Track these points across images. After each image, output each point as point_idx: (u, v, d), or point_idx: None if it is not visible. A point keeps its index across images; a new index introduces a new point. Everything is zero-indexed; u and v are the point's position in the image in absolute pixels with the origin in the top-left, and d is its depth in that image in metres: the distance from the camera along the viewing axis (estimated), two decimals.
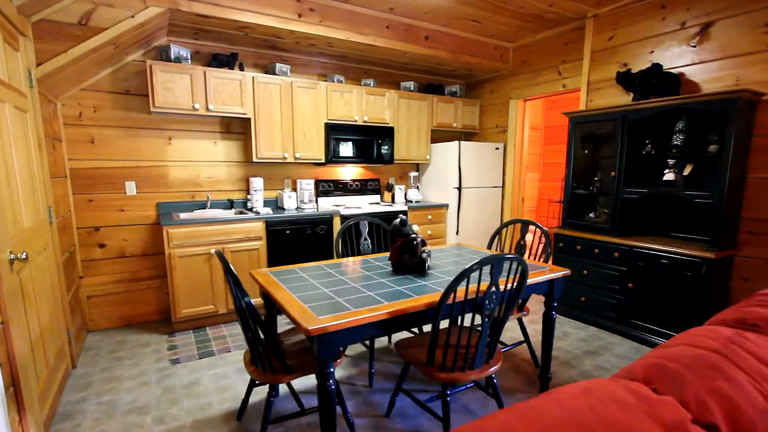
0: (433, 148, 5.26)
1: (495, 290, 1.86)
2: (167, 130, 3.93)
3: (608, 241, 3.63)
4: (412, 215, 4.79)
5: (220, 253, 1.88)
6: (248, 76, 3.92)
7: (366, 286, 2.18)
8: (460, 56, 4.66)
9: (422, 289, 2.12)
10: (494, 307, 1.90)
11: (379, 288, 2.14)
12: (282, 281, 2.26)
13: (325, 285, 2.19)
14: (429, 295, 2.01)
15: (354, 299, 1.94)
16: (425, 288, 2.14)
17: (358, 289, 2.12)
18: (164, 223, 3.38)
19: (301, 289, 2.12)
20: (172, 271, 3.45)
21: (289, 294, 2.02)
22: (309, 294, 2.02)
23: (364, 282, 2.25)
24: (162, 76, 3.52)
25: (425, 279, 2.32)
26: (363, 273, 2.45)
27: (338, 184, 4.87)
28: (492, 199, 5.31)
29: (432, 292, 2.07)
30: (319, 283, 2.22)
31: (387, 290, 2.09)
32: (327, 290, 2.09)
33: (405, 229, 2.43)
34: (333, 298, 1.96)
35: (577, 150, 4.02)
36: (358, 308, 1.80)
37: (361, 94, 4.60)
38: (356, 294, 2.03)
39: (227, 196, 4.29)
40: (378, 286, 2.18)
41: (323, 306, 1.84)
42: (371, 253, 3.35)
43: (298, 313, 1.74)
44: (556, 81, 4.64)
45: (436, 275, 2.40)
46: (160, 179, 3.93)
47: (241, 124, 4.28)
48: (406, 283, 2.24)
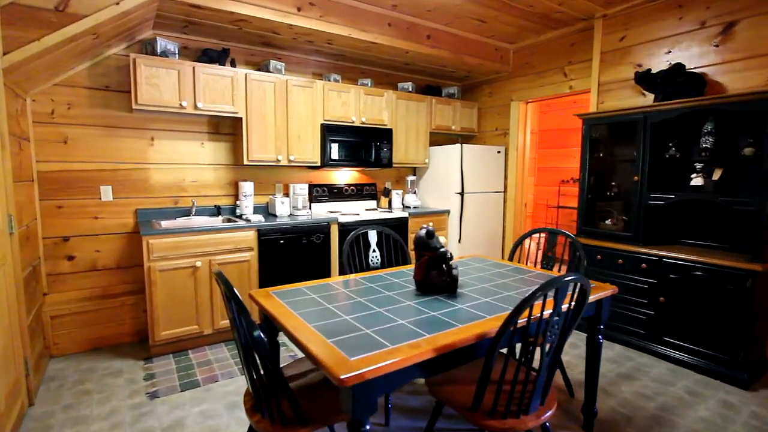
0: (432, 152, 5.00)
1: (558, 318, 1.58)
2: (150, 130, 3.55)
3: (634, 251, 3.41)
4: (413, 222, 4.50)
5: (221, 274, 1.55)
6: (241, 73, 3.58)
7: (393, 311, 1.87)
8: (461, 56, 4.42)
9: (459, 314, 1.83)
10: (555, 337, 1.62)
11: (410, 314, 1.84)
12: (291, 305, 1.94)
13: (345, 310, 1.88)
14: (475, 323, 1.72)
15: (385, 330, 1.64)
16: (462, 313, 1.85)
17: (385, 315, 1.82)
18: (144, 233, 3.01)
19: (316, 316, 1.80)
20: (151, 288, 3.08)
21: (304, 323, 1.70)
22: (329, 324, 1.71)
23: (390, 305, 1.95)
24: (147, 71, 3.16)
25: (458, 300, 2.03)
26: (383, 293, 2.15)
27: (333, 189, 4.55)
28: (494, 205, 5.07)
29: (473, 318, 1.78)
30: (336, 308, 1.91)
31: (421, 317, 1.79)
32: (349, 318, 1.78)
33: (432, 241, 2.14)
34: (359, 329, 1.65)
35: (592, 153, 3.81)
36: (396, 344, 1.50)
37: (358, 94, 4.30)
38: (386, 322, 1.73)
39: (214, 201, 3.93)
40: (407, 311, 1.88)
41: (351, 341, 1.53)
42: (381, 266, 3.04)
43: (323, 352, 1.42)
44: (562, 83, 4.44)
45: (468, 295, 2.12)
46: (139, 183, 3.55)
47: (230, 124, 3.93)
48: (438, 306, 1.95)
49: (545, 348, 1.61)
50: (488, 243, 5.07)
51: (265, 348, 1.41)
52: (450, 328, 1.65)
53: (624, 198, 3.72)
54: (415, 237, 2.20)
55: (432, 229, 2.14)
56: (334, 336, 1.57)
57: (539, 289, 1.47)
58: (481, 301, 2.03)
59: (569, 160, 6.46)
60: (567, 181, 6.50)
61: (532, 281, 2.39)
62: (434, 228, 2.02)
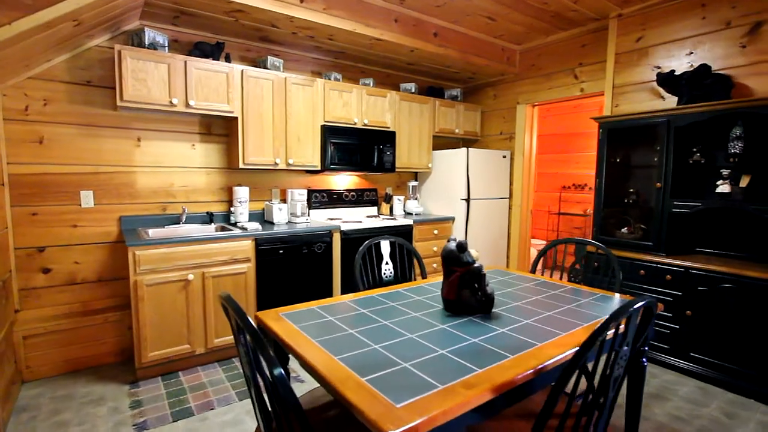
0: (435, 156, 4.77)
1: (627, 348, 1.34)
2: (136, 130, 3.25)
3: (657, 261, 3.21)
4: (418, 230, 4.26)
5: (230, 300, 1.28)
6: (237, 69, 3.31)
7: (427, 336, 1.62)
8: (468, 56, 4.21)
9: (503, 340, 1.59)
10: (622, 369, 1.39)
11: (447, 340, 1.58)
12: (307, 331, 1.67)
13: (371, 336, 1.62)
14: (528, 352, 1.47)
15: (426, 363, 1.38)
16: (506, 339, 1.60)
17: (420, 343, 1.56)
18: (131, 243, 2.70)
19: (340, 344, 1.54)
20: (138, 304, 2.77)
21: (328, 355, 1.44)
22: (357, 356, 1.44)
23: (421, 330, 1.69)
24: (133, 65, 2.87)
25: (496, 323, 1.78)
26: (408, 314, 1.89)
27: (332, 195, 4.28)
28: (499, 212, 4.86)
29: (521, 345, 1.55)
30: (360, 334, 1.65)
31: (461, 345, 1.54)
32: (378, 347, 1.52)
33: (464, 255, 1.89)
34: (395, 362, 1.39)
35: (609, 159, 3.62)
36: (446, 382, 1.24)
37: (361, 94, 4.05)
38: (423, 352, 1.47)
39: (206, 208, 3.63)
40: (443, 336, 1.63)
41: (390, 380, 1.27)
42: (395, 280, 2.78)
43: (363, 400, 1.15)
44: (573, 85, 4.26)
45: (505, 316, 1.88)
46: (124, 188, 3.24)
47: (223, 124, 3.64)
48: (475, 330, 1.70)
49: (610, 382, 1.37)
50: (493, 251, 4.85)
51: (291, 394, 1.14)
52: (501, 360, 1.41)
53: (643, 205, 3.54)
54: (443, 250, 1.95)
55: (464, 241, 1.90)
56: (368, 372, 1.31)
57: (612, 318, 1.23)
58: (522, 323, 1.79)
59: (571, 166, 6.31)
60: (569, 187, 6.35)
61: (567, 298, 2.17)
62: (465, 241, 1.77)
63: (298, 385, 2.86)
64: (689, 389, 2.90)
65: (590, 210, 5.75)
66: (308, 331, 1.66)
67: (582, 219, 6.22)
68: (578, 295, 2.23)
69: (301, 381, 2.93)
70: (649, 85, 3.58)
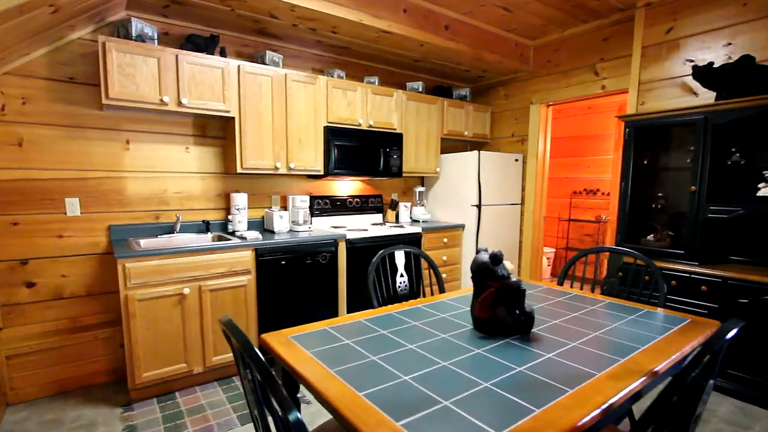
0: (444, 160, 4.53)
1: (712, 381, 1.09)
2: (124, 131, 3.00)
3: (690, 271, 2.96)
4: (427, 239, 4.01)
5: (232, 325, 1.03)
6: (233, 64, 3.07)
7: (463, 364, 1.37)
8: (480, 52, 3.97)
9: (553, 369, 1.34)
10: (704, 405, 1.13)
11: (488, 369, 1.33)
12: (322, 358, 1.41)
13: (399, 364, 1.37)
14: (587, 385, 1.23)
15: (470, 400, 1.13)
16: (555, 366, 1.35)
17: (457, 373, 1.31)
18: (120, 255, 2.45)
19: (362, 376, 1.28)
20: (129, 321, 2.51)
21: (350, 390, 1.18)
22: (386, 390, 1.19)
23: (454, 356, 1.43)
24: (120, 59, 2.63)
25: (537, 346, 1.53)
26: (436, 335, 1.63)
27: (336, 202, 4.03)
28: (510, 219, 4.61)
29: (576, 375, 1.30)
30: (384, 361, 1.39)
31: (506, 375, 1.29)
32: (410, 378, 1.26)
33: (499, 268, 1.64)
34: (434, 399, 1.13)
35: (636, 160, 3.38)
36: (501, 428, 0.99)
37: (365, 93, 3.81)
38: (464, 386, 1.22)
39: (202, 216, 3.37)
40: (481, 364, 1.37)
41: (432, 424, 1.01)
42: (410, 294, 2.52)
43: None
44: (593, 82, 4.02)
45: (545, 337, 1.62)
46: (113, 195, 2.98)
47: (219, 125, 3.39)
48: (516, 355, 1.44)
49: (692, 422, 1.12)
50: (505, 260, 4.60)
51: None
52: (560, 396, 1.15)
53: (672, 210, 3.30)
54: (474, 263, 1.70)
55: (499, 252, 1.64)
56: (403, 414, 1.05)
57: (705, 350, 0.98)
58: (568, 346, 1.54)
59: (582, 170, 6.07)
60: (580, 192, 6.11)
61: (610, 314, 1.92)
62: (500, 252, 1.51)
63: (305, 407, 2.60)
64: (728, 409, 2.64)
65: (606, 216, 5.51)
66: (323, 359, 1.40)
67: (593, 226, 5.97)
68: (620, 310, 1.99)
69: (307, 402, 2.67)
70: (680, 80, 3.34)
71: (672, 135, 3.31)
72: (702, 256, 3.00)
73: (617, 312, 1.96)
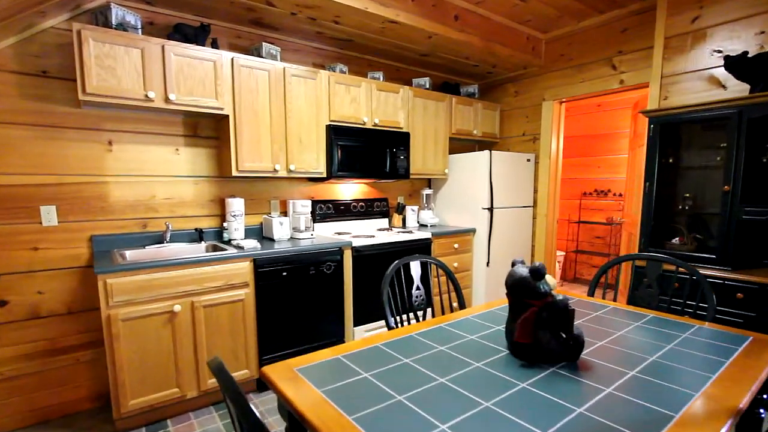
0: (452, 160, 4.27)
1: None
2: (106, 132, 2.73)
3: (723, 277, 2.70)
4: (437, 244, 3.74)
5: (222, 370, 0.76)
6: (226, 56, 2.80)
7: (512, 405, 1.10)
8: (491, 45, 3.72)
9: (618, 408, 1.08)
10: None
11: (545, 413, 1.07)
12: (336, 399, 1.14)
13: (432, 407, 1.10)
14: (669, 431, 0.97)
15: None
16: (621, 406, 1.09)
17: (506, 419, 1.04)
18: (100, 270, 2.16)
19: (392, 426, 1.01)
20: (113, 343, 2.23)
21: None
22: None
23: (499, 394, 1.17)
24: (98, 49, 2.35)
25: (589, 376, 1.27)
26: (469, 364, 1.37)
27: (339, 206, 3.76)
28: (523, 222, 4.35)
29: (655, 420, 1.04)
30: (413, 402, 1.12)
31: (566, 420, 1.03)
32: (447, 428, 1.00)
33: (541, 284, 1.38)
34: None
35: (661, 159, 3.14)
36: None
37: (370, 89, 3.55)
38: None
39: (194, 223, 3.10)
40: (533, 404, 1.11)
41: None
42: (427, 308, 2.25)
43: None
44: (610, 77, 3.78)
45: (597, 365, 1.36)
46: (95, 202, 2.70)
47: (212, 124, 3.12)
48: (571, 391, 1.18)
49: None
50: None
51: None
52: None
53: (700, 212, 3.05)
54: (510, 277, 1.43)
55: (541, 265, 1.38)
56: None
57: None
58: (627, 375, 1.29)
59: (592, 170, 5.84)
60: (590, 193, 5.87)
61: (659, 332, 1.67)
62: (542, 264, 1.23)
63: None
64: None
65: (621, 218, 5.27)
66: (338, 400, 1.13)
67: (604, 228, 5.73)
68: (669, 327, 1.74)
69: None
70: (707, 72, 3.10)
71: (700, 131, 3.07)
72: (735, 260, 2.74)
73: (666, 329, 1.70)
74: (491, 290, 4.06)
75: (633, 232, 4.04)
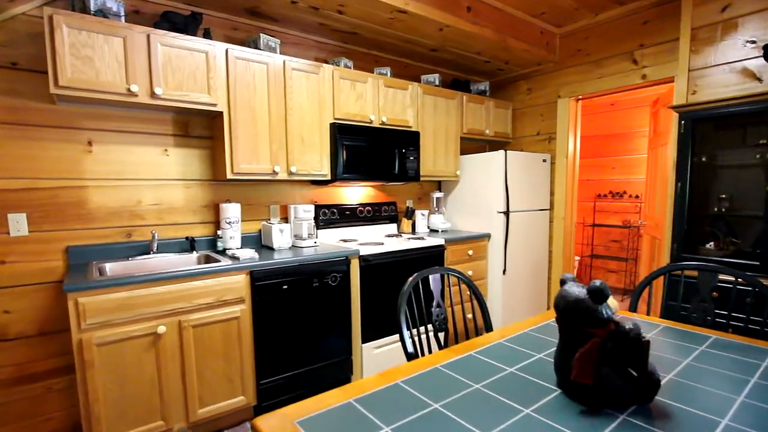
0: (464, 161, 3.99)
1: None
2: (86, 130, 2.45)
3: None
4: (451, 251, 3.46)
5: None
6: (219, 47, 2.53)
7: None
8: (505, 38, 3.46)
9: None
10: None
11: None
12: None
13: None
14: None
15: None
16: None
17: None
18: (70, 287, 1.88)
19: None
20: (85, 372, 1.93)
21: None
22: None
23: None
24: (73, 37, 2.08)
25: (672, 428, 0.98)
26: (519, 411, 1.08)
27: (344, 211, 3.48)
28: (539, 226, 4.07)
29: None
30: None
31: None
32: None
33: (603, 309, 1.10)
34: None
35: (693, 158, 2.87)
36: None
37: (377, 85, 3.28)
38: None
39: (186, 231, 2.81)
40: None
41: None
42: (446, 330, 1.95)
43: None
44: (631, 72, 3.51)
45: (673, 407, 1.08)
46: (72, 209, 2.42)
47: (205, 122, 2.85)
48: None
49: None
50: (534, 274, 4.05)
51: None
52: None
53: (737, 214, 2.79)
54: (563, 299, 1.15)
55: (603, 284, 1.10)
56: None
57: None
58: (718, 426, 1.00)
59: (606, 172, 5.57)
60: (605, 195, 5.60)
61: (735, 359, 1.38)
62: (603, 283, 0.92)
63: None
64: None
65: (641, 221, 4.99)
66: None
67: (620, 231, 5.46)
68: (744, 353, 1.45)
69: None
70: (740, 64, 2.84)
71: (737, 127, 2.80)
72: None
73: (741, 355, 1.42)
74: (508, 301, 3.77)
75: (657, 235, 3.76)
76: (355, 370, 2.89)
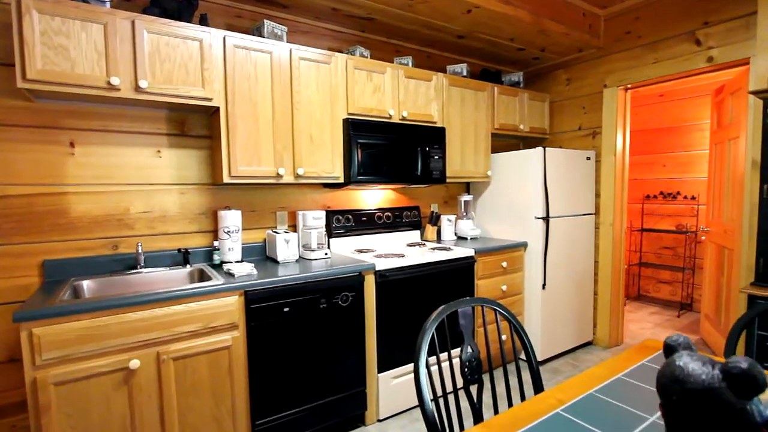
0: (495, 160, 3.57)
1: None
2: (66, 130, 2.18)
3: None
4: (482, 264, 3.05)
5: None
6: (215, 34, 2.22)
7: None
8: (543, 21, 3.04)
9: None
10: None
11: None
12: None
13: None
14: None
15: None
16: None
17: None
18: (21, 316, 1.57)
19: None
20: (40, 417, 1.63)
21: None
22: None
23: None
24: (45, 24, 1.81)
25: None
26: None
27: (360, 217, 3.13)
28: (583, 233, 3.60)
29: None
30: None
31: None
32: None
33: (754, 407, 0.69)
34: None
35: None
36: None
37: (397, 76, 2.91)
38: None
39: (181, 242, 2.52)
40: None
41: None
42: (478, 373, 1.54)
43: None
44: (694, 54, 3.02)
45: None
46: (50, 218, 2.15)
47: (204, 120, 2.55)
48: None
49: None
50: (578, 289, 3.57)
51: None
52: None
53: None
54: (673, 380, 0.75)
55: (754, 364, 0.69)
56: None
57: None
58: None
59: (656, 170, 5.03)
60: (654, 196, 5.05)
61: None
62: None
63: None
64: None
65: (702, 226, 4.45)
66: None
67: (673, 237, 4.90)
68: None
69: None
70: None
71: None
72: None
73: None
74: (549, 321, 3.32)
75: (726, 244, 3.24)
76: (369, 403, 2.52)
